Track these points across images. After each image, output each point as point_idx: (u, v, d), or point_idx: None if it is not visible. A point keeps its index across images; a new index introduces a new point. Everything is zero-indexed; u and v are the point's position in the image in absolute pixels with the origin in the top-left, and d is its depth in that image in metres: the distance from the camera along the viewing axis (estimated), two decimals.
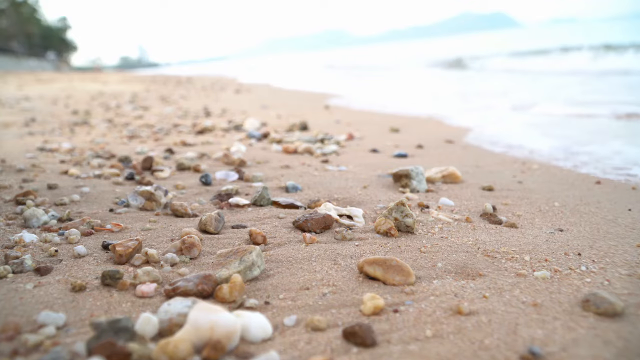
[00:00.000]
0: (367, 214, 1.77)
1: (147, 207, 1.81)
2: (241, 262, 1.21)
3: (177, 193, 2.07)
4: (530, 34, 50.11)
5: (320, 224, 1.57)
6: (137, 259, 1.30)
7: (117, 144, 3.55)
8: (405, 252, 1.39)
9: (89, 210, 1.81)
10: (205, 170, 2.55)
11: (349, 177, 2.40)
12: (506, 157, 3.06)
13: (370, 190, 2.12)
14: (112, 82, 17.07)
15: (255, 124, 4.56)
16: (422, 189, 2.14)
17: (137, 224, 1.64)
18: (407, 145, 3.53)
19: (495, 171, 2.61)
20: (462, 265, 1.31)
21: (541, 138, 3.88)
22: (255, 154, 3.10)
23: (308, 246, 1.43)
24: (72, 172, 2.38)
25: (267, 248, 1.43)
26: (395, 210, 1.57)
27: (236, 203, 1.84)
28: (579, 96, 7.05)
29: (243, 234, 1.54)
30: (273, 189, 2.15)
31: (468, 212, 1.81)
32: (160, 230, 1.57)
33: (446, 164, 2.78)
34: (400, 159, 2.96)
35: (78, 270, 1.26)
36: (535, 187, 2.25)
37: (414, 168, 2.18)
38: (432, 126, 4.82)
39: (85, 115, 5.82)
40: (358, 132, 4.27)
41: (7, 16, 61.84)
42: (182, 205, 1.75)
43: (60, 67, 62.96)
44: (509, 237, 1.54)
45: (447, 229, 1.61)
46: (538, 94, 7.85)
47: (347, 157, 3.03)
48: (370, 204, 1.91)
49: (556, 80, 10.19)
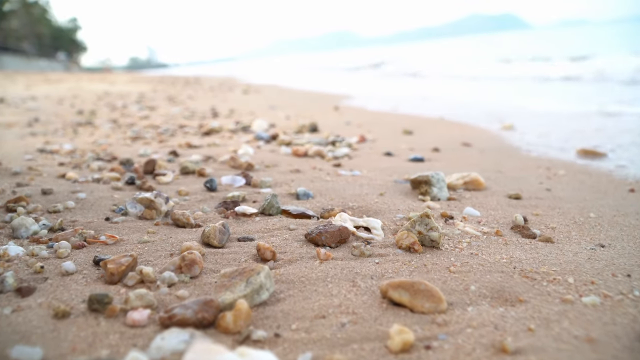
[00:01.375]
0: (386, 225, 1.62)
1: (147, 216, 1.67)
2: (247, 285, 1.05)
3: (179, 200, 1.93)
4: (541, 37, 49.70)
5: (336, 237, 1.42)
6: (130, 278, 1.15)
7: (120, 146, 3.42)
8: (432, 272, 1.23)
9: (84, 218, 1.67)
10: (211, 175, 2.41)
11: (363, 183, 2.24)
12: (528, 161, 2.89)
13: (388, 198, 1.96)
14: (119, 82, 17.02)
15: (263, 125, 4.41)
16: (443, 197, 1.98)
17: (134, 236, 1.49)
18: (422, 148, 3.37)
19: (519, 177, 2.44)
20: (499, 288, 1.15)
21: (562, 142, 3.70)
22: (264, 157, 2.96)
23: (323, 263, 1.27)
24: (69, 176, 2.25)
25: (277, 265, 1.28)
26: (418, 222, 1.41)
27: (243, 212, 1.69)
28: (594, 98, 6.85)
29: (250, 248, 1.39)
30: (282, 196, 2.00)
31: (497, 224, 1.65)
32: (159, 243, 1.42)
33: (465, 169, 2.61)
34: (417, 163, 2.80)
35: (64, 291, 1.11)
36: (565, 195, 2.08)
37: (435, 174, 2.02)
38: (446, 128, 4.65)
39: (90, 115, 5.71)
40: (370, 134, 4.11)
41: (18, 17, 62.29)
42: (184, 215, 1.60)
43: (70, 68, 63.33)
44: (547, 254, 1.38)
45: (476, 244, 1.45)
46: (553, 97, 7.65)
47: (360, 161, 2.87)
48: (388, 213, 1.75)
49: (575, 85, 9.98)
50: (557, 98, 7.24)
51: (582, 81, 9.59)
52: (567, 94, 7.82)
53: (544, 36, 46.21)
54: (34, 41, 65.48)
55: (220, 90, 12.28)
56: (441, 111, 6.33)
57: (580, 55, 14.89)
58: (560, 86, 9.11)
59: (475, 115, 5.82)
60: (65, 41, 79.93)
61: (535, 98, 7.53)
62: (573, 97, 7.24)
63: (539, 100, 7.15)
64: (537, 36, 50.08)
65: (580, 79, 10.01)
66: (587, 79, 9.84)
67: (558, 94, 7.80)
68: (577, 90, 7.98)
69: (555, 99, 7.24)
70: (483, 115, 5.84)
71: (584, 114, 5.44)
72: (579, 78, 10.12)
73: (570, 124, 4.76)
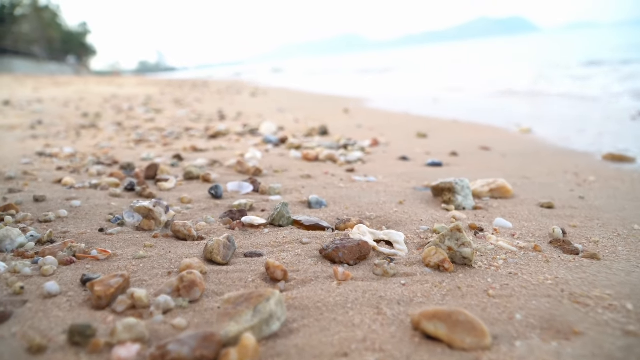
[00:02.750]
0: (409, 238, 1.45)
1: (145, 227, 1.51)
2: (255, 313, 0.90)
3: (181, 208, 1.77)
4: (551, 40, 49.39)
5: (355, 253, 1.26)
6: (120, 302, 0.99)
7: (122, 149, 3.28)
8: (468, 297, 1.06)
9: (76, 229, 1.52)
10: (216, 181, 2.25)
11: (380, 190, 2.08)
12: (553, 166, 2.71)
13: (408, 207, 1.80)
14: (127, 85, 16.99)
15: (271, 128, 4.26)
16: (468, 206, 1.81)
17: (130, 250, 1.34)
18: (439, 152, 3.20)
19: (547, 183, 2.27)
20: (548, 317, 0.98)
21: (586, 146, 3.52)
22: (272, 161, 2.80)
23: (341, 285, 1.11)
24: (66, 182, 2.11)
25: (289, 286, 1.12)
26: (448, 237, 1.25)
27: (250, 223, 1.54)
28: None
29: (258, 266, 1.23)
30: (293, 204, 1.85)
31: (533, 238, 1.48)
32: (156, 259, 1.27)
33: (488, 174, 2.44)
34: (435, 168, 2.63)
35: (43, 318, 0.96)
36: (601, 204, 1.90)
37: (459, 181, 1.85)
38: (461, 130, 4.47)
39: (95, 117, 5.59)
40: (382, 137, 3.95)
41: (29, 21, 62.79)
42: (186, 226, 1.45)
43: (80, 71, 63.70)
44: (595, 273, 1.21)
45: (513, 261, 1.28)
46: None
47: (374, 166, 2.71)
48: (410, 225, 1.59)
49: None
50: (573, 99, 7.03)
51: (598, 82, 9.36)
52: (583, 95, 7.60)
53: (556, 39, 45.84)
54: (44, 45, 65.97)
55: (228, 92, 12.17)
56: (453, 113, 6.16)
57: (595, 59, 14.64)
58: (575, 87, 8.89)
59: (489, 117, 5.64)
60: (75, 45, 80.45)
61: (549, 99, 7.33)
62: (589, 98, 7.03)
63: (553, 102, 6.96)
64: (548, 39, 49.65)
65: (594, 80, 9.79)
66: (603, 82, 9.61)
67: (574, 95, 7.59)
68: (594, 92, 7.77)
69: (571, 100, 7.03)
70: (498, 117, 5.66)
71: (604, 116, 5.25)
72: (593, 79, 9.89)
73: (591, 126, 4.57)
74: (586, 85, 8.94)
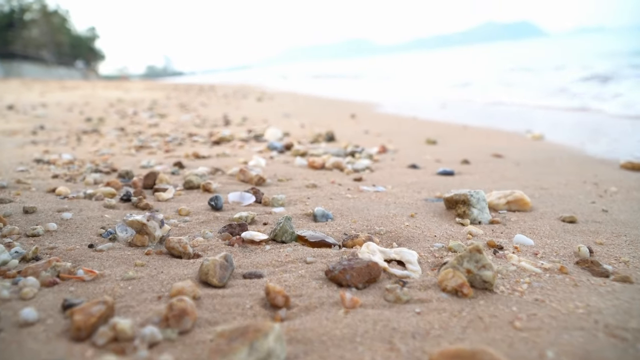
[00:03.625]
0: (422, 257, 1.34)
1: (137, 243, 1.41)
2: (251, 351, 0.79)
3: (178, 221, 1.67)
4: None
5: (364, 276, 1.14)
6: (101, 335, 0.89)
7: (123, 156, 3.19)
8: (492, 329, 0.95)
9: (65, 244, 1.42)
10: (217, 190, 2.15)
11: (389, 202, 1.96)
12: (570, 175, 2.58)
13: (420, 221, 1.68)
14: (134, 89, 16.99)
15: (276, 134, 4.16)
16: (484, 220, 1.70)
17: (119, 269, 1.23)
18: (449, 160, 3.08)
19: (566, 195, 2.14)
20: (583, 354, 0.86)
21: (603, 153, 3.39)
22: (277, 169, 2.70)
23: (349, 314, 1.00)
24: (59, 191, 2.01)
25: (291, 314, 1.01)
26: (467, 258, 1.13)
27: (251, 239, 1.43)
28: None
29: (257, 289, 1.12)
30: (297, 217, 1.74)
31: (557, 257, 1.36)
32: (146, 281, 1.16)
33: (502, 184, 2.33)
34: (446, 177, 2.51)
35: (16, 352, 0.86)
36: (627, 218, 1.78)
37: (474, 193, 1.74)
38: (471, 136, 4.35)
39: (98, 122, 5.52)
40: (390, 144, 3.84)
41: (38, 26, 63.30)
42: (181, 242, 1.34)
43: (88, 76, 64.12)
44: (629, 300, 1.09)
45: (538, 285, 1.16)
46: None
47: (382, 175, 2.60)
48: (423, 241, 1.47)
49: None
50: (584, 104, 6.89)
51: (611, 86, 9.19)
52: (595, 99, 7.45)
53: (562, 44, 45.62)
54: (53, 49, 66.46)
55: (234, 97, 12.11)
56: (462, 119, 6.04)
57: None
58: (587, 91, 8.73)
59: (499, 123, 5.52)
60: (84, 50, 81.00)
61: (559, 103, 7.19)
62: (601, 102, 6.88)
63: (562, 106, 6.82)
64: (554, 44, 49.41)
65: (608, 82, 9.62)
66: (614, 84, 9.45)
67: (585, 100, 7.44)
68: (606, 97, 7.62)
69: (582, 103, 6.89)
70: (507, 123, 5.54)
71: (618, 122, 5.11)
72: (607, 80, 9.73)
73: (604, 132, 4.44)
74: (596, 92, 8.78)
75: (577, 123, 5.44)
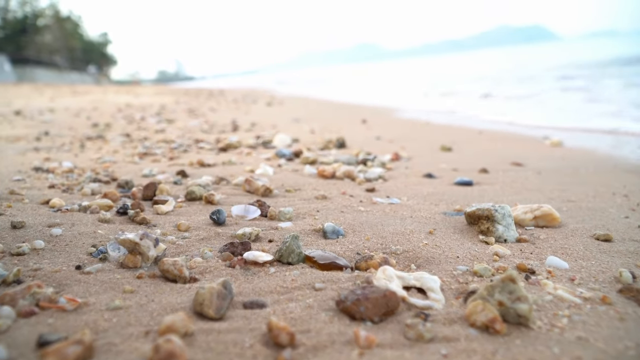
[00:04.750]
0: (445, 282, 1.19)
1: (129, 264, 1.28)
2: None
3: (176, 237, 1.54)
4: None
5: (380, 307, 1.00)
6: None
7: (125, 163, 3.08)
8: None
9: (51, 265, 1.29)
10: (220, 202, 2.02)
11: (405, 215, 1.82)
12: (598, 186, 2.42)
13: (440, 238, 1.54)
14: (144, 94, 17.00)
15: (285, 140, 4.04)
16: (511, 238, 1.55)
17: (106, 296, 1.10)
18: (466, 168, 2.93)
19: (595, 208, 1.98)
20: None
21: (625, 160, 3.21)
22: (285, 178, 2.57)
23: (364, 355, 0.86)
24: (53, 203, 1.89)
25: (296, 356, 0.87)
26: (499, 289, 0.99)
27: (254, 260, 1.29)
28: None
29: (259, 322, 0.99)
30: (306, 233, 1.60)
31: (597, 284, 1.21)
32: (134, 311, 1.03)
33: (525, 196, 2.17)
34: (465, 188, 2.36)
35: None
36: None
37: (499, 208, 1.59)
38: (488, 143, 4.20)
39: (104, 128, 5.44)
40: (404, 151, 3.69)
41: (51, 31, 64.01)
42: (176, 264, 1.21)
43: (101, 81, 64.64)
44: None
45: (579, 319, 1.01)
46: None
47: (396, 184, 2.45)
48: (445, 263, 1.33)
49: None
50: (597, 110, 6.69)
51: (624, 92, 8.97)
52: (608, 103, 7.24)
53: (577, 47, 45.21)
54: (66, 55, 67.17)
55: (244, 102, 12.03)
56: (475, 124, 5.88)
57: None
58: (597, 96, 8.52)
59: (514, 129, 5.35)
60: (96, 55, 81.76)
61: (575, 108, 6.99)
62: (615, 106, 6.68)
63: (577, 110, 6.62)
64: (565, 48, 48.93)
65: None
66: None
67: (601, 107, 7.23)
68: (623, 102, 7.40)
69: (595, 109, 6.69)
70: (523, 129, 5.37)
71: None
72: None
73: (628, 139, 4.26)
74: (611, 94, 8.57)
75: (595, 128, 5.25)
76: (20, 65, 47.08)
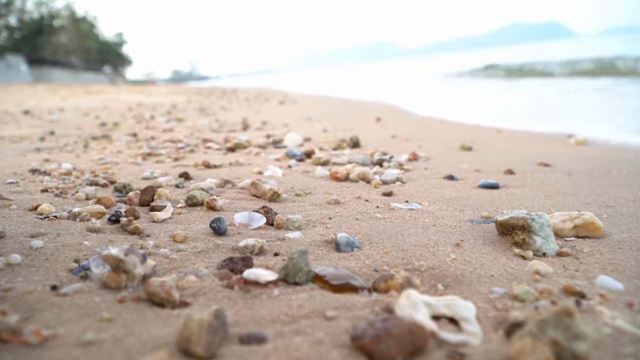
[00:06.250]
0: (480, 309, 1.01)
1: (112, 284, 1.11)
2: None
3: (170, 250, 1.37)
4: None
5: (405, 345, 0.82)
6: None
7: (127, 164, 2.93)
8: None
9: (25, 284, 1.13)
10: (223, 208, 1.85)
11: (427, 224, 1.63)
12: (636, 189, 2.21)
13: (468, 252, 1.35)
14: (157, 93, 16.97)
15: (297, 139, 3.86)
16: (550, 251, 1.35)
17: (78, 327, 0.94)
18: (490, 169, 2.73)
19: (639, 215, 1.78)
20: None
21: None
22: (295, 181, 2.39)
23: None
24: (41, 210, 1.74)
25: None
26: (553, 325, 0.80)
27: (255, 280, 1.12)
28: None
29: None
30: (316, 245, 1.42)
31: None
32: (108, 347, 0.86)
33: (558, 201, 1.97)
34: (491, 191, 2.17)
35: None
36: None
37: (536, 216, 1.39)
38: (509, 141, 3.98)
39: (112, 127, 5.31)
40: (421, 150, 3.50)
41: (67, 32, 64.63)
42: (164, 286, 1.04)
43: (116, 81, 65.11)
44: None
45: None
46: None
47: (416, 187, 2.26)
48: (477, 283, 1.14)
49: None
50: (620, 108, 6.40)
51: None
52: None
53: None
54: (81, 55, 67.79)
55: (256, 100, 11.89)
56: (493, 122, 5.65)
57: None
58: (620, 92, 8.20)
59: (535, 126, 5.12)
60: (112, 55, 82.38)
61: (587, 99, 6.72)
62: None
63: (599, 107, 6.35)
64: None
65: None
66: None
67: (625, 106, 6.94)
68: None
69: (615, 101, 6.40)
70: (543, 125, 5.13)
71: None
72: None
73: None
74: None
75: (619, 121, 4.99)
76: (36, 66, 47.56)
